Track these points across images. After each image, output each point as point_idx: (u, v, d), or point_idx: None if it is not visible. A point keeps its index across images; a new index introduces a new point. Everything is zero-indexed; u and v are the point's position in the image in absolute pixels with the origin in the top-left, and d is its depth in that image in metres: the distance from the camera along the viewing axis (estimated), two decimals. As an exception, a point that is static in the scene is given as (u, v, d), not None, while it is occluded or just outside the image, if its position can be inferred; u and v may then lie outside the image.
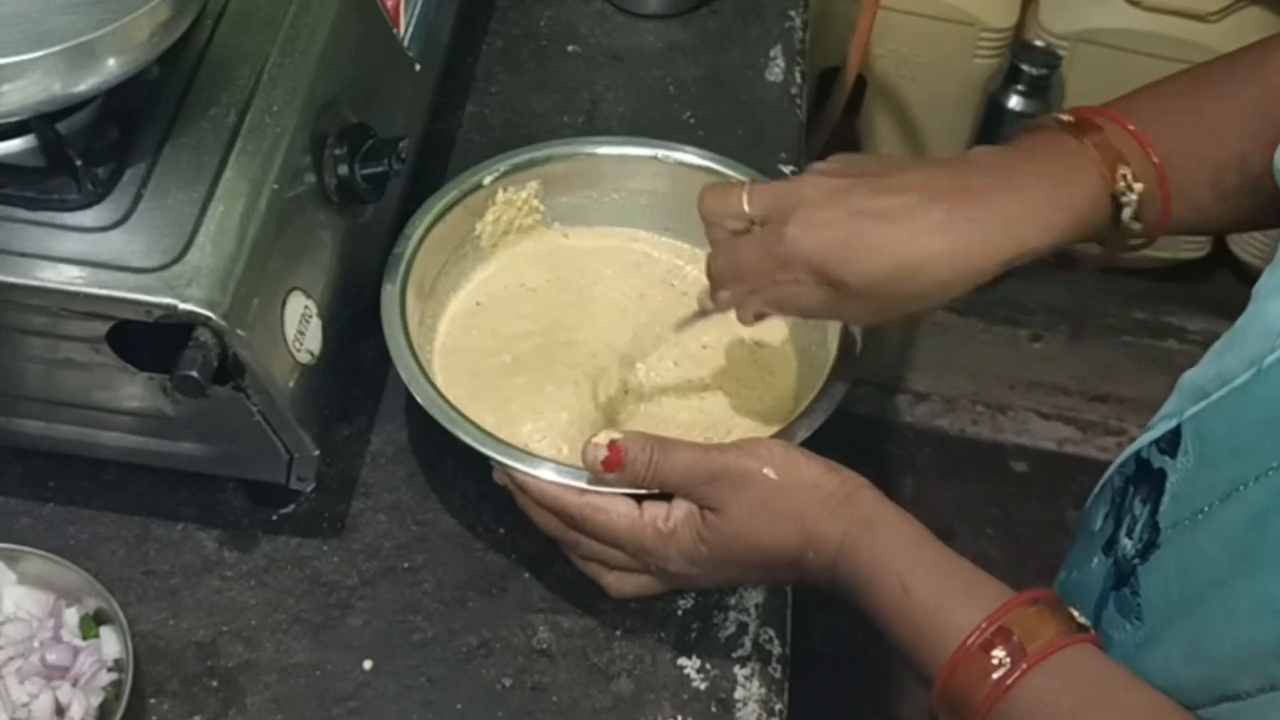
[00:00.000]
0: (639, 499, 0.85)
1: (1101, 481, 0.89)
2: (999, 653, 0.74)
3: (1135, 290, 2.36)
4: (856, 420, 2.20)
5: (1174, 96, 0.90)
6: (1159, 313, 2.35)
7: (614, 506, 0.85)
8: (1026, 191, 0.84)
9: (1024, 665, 0.73)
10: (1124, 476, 0.86)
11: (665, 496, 0.85)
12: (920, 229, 0.82)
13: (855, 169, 0.86)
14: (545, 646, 0.90)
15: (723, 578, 0.88)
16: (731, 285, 0.88)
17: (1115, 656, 0.81)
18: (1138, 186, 0.85)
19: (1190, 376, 0.82)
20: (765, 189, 0.88)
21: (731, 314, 0.91)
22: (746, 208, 0.86)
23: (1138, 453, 0.84)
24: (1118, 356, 2.30)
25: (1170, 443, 0.81)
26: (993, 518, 2.11)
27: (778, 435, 0.88)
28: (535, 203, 1.05)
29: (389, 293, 0.94)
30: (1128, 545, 0.83)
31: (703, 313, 0.93)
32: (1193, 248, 2.29)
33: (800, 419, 0.90)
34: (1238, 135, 0.86)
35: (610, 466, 0.84)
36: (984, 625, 0.74)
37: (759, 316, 0.90)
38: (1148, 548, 0.81)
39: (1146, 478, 0.83)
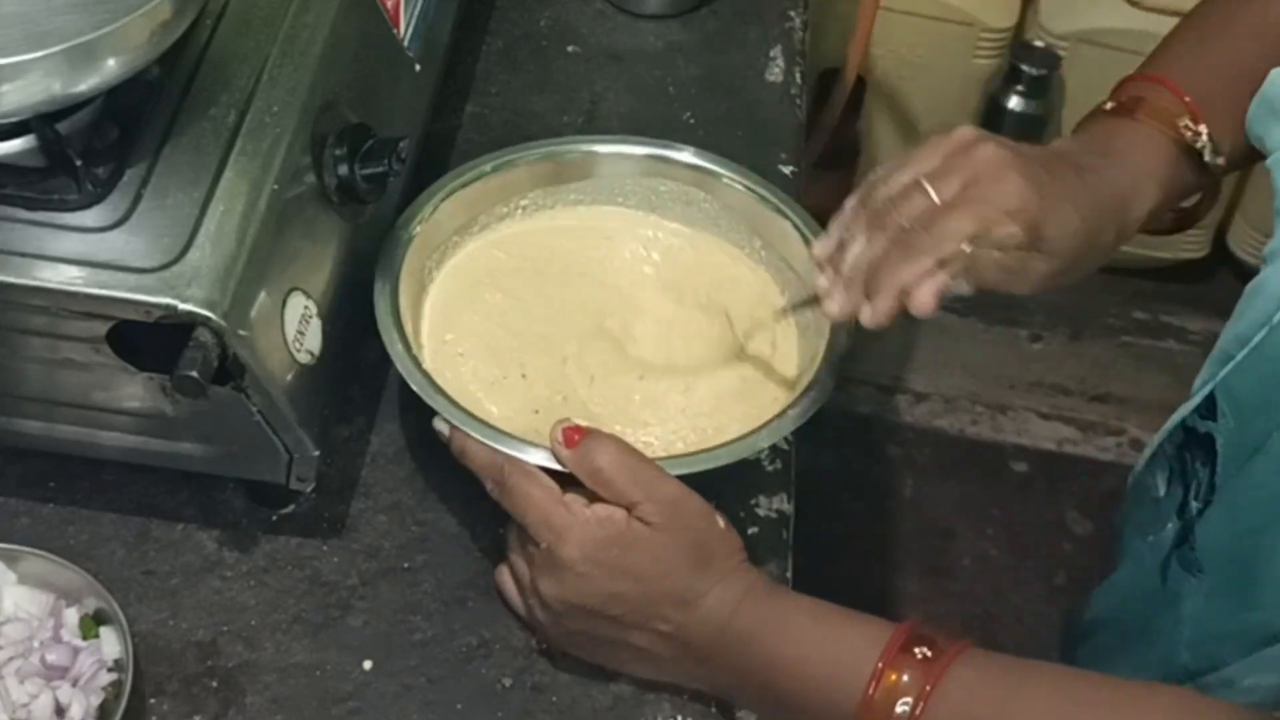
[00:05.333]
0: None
1: (1151, 450, 0.95)
2: (922, 649, 0.78)
3: (1135, 290, 2.36)
4: (856, 420, 2.20)
5: (1194, 45, 0.95)
6: (1159, 313, 2.34)
7: (540, 475, 0.85)
8: (1116, 174, 0.91)
9: (953, 649, 0.78)
10: (1175, 445, 0.92)
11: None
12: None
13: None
14: (545, 646, 0.90)
15: (591, 598, 0.83)
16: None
17: (1185, 610, 0.89)
18: (1201, 129, 0.92)
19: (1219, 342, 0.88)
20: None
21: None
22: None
23: (1182, 422, 0.91)
24: (1118, 356, 2.30)
25: (1209, 408, 0.87)
26: (993, 518, 2.11)
27: (783, 413, 0.90)
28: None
29: (381, 288, 0.94)
30: (1194, 506, 0.90)
31: (815, 299, 0.91)
32: (1193, 248, 2.29)
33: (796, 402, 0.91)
34: (1260, 56, 0.90)
35: (569, 443, 0.84)
36: (903, 627, 0.79)
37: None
38: (1205, 505, 0.88)
39: (1198, 442, 0.89)
